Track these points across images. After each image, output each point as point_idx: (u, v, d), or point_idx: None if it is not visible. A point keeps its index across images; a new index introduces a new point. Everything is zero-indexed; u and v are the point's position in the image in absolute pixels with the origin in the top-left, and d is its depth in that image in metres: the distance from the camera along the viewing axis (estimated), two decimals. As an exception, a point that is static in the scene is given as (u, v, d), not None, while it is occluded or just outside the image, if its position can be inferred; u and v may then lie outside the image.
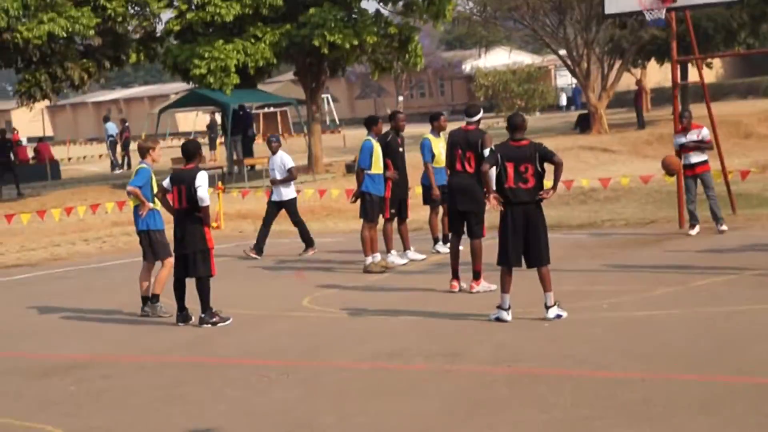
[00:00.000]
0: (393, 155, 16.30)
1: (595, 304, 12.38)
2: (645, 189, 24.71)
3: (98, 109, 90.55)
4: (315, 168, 32.63)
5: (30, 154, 41.67)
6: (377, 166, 15.88)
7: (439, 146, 16.85)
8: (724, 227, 17.55)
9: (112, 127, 43.51)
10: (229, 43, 30.11)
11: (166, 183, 12.74)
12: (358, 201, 16.15)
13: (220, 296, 13.73)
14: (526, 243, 11.68)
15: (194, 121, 61.95)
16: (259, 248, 18.23)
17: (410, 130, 57.05)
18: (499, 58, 59.03)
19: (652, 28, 34.43)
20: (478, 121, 14.03)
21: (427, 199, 17.17)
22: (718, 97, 50.32)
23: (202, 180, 12.32)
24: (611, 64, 44.14)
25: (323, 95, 72.07)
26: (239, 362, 10.60)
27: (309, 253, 18.09)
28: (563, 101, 69.21)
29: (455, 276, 13.87)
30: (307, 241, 18.29)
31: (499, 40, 57.65)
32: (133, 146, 45.23)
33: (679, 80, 19.60)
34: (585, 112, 44.33)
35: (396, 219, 16.58)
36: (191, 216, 12.42)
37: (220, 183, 25.53)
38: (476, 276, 13.69)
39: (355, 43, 29.79)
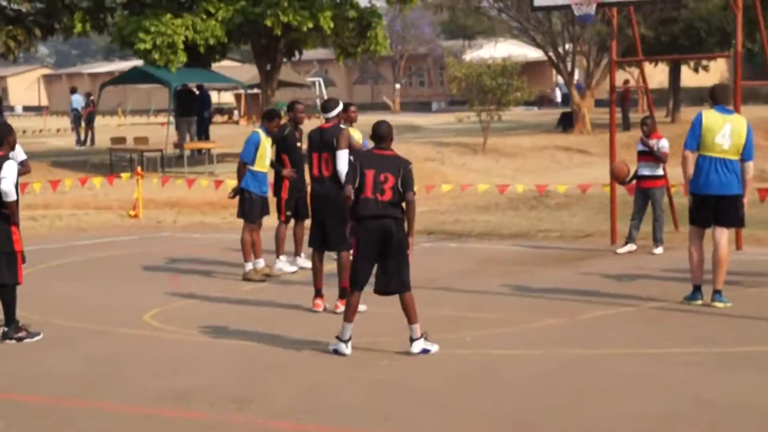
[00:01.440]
0: (290, 151, 14.52)
1: (460, 337, 10.66)
2: (601, 196, 23.02)
3: (94, 80, 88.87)
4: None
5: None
6: (262, 164, 14.21)
7: (354, 137, 15.34)
8: (659, 250, 15.90)
9: (78, 100, 41.77)
10: (178, 18, 28.37)
11: None
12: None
13: (60, 301, 12.64)
14: (381, 264, 9.96)
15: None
16: None
17: (404, 119, 56.38)
18: (508, 49, 57.18)
19: (642, 27, 32.56)
20: (337, 117, 12.37)
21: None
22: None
23: (7, 171, 10.63)
24: (597, 62, 42.25)
25: (314, 78, 70.79)
26: (-9, 395, 8.86)
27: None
28: (558, 97, 67.46)
29: (318, 294, 12.22)
30: None
31: (503, 33, 56.03)
32: (98, 121, 44.06)
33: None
34: (569, 110, 42.51)
35: (293, 221, 14.89)
36: (-5, 212, 10.72)
37: (139, 168, 23.88)
38: (342, 294, 11.98)
39: (310, 25, 28.00)
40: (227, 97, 65.28)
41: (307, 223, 15.04)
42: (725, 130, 11.77)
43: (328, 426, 7.73)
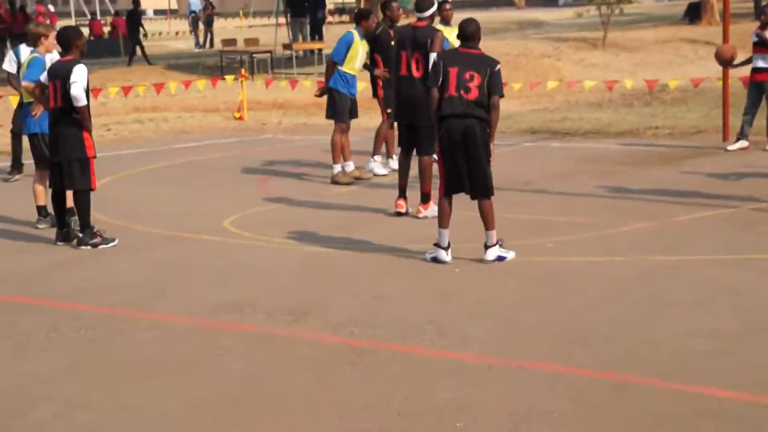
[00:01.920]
0: (384, 50, 13.94)
1: (541, 243, 10.16)
2: (720, 90, 22.03)
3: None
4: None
5: (107, 28, 40.35)
6: (351, 66, 13.74)
7: (452, 36, 14.79)
8: None
9: (195, 3, 41.69)
10: None
11: (43, 77, 10.82)
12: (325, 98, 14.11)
13: (145, 205, 12.60)
14: (463, 166, 9.48)
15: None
16: None
17: (528, 14, 54.99)
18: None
19: None
20: (431, 17, 11.75)
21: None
22: None
23: (78, 75, 10.40)
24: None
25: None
26: (46, 304, 8.69)
27: None
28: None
29: (402, 194, 11.79)
30: None
31: None
32: (219, 24, 44.00)
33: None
34: (696, 0, 40.72)
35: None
36: (67, 117, 10.51)
37: (243, 70, 23.61)
38: (424, 199, 11.59)
39: None
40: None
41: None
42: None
43: (381, 341, 7.34)
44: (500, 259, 9.46)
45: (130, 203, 12.96)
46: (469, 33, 9.64)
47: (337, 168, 13.92)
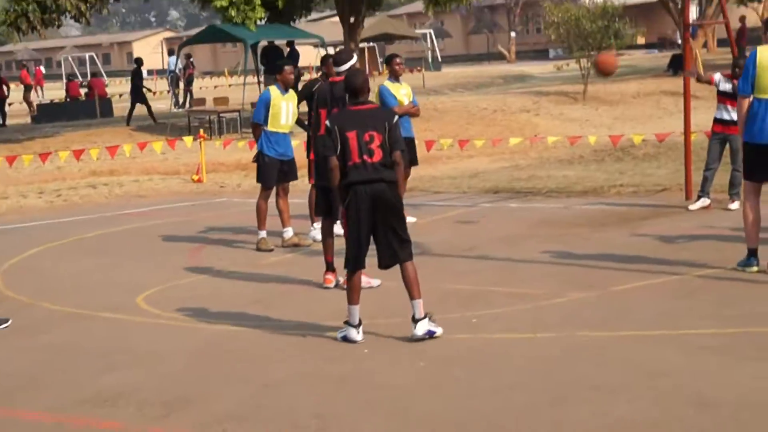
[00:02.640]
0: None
1: (466, 317, 9.38)
2: (694, 145, 21.32)
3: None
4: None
5: (83, 90, 39.85)
6: (277, 124, 13.01)
7: (400, 92, 14.43)
8: (734, 206, 14.26)
9: (174, 62, 41.13)
10: (255, -29, 27.26)
11: None
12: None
13: (62, 280, 11.99)
14: (377, 235, 8.72)
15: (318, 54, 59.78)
16: None
17: (518, 68, 54.60)
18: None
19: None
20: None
21: None
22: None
23: None
24: (709, -1, 39.85)
25: (425, 30, 69.22)
26: None
27: None
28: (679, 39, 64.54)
29: (329, 268, 11.02)
30: None
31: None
32: (203, 83, 43.41)
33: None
34: (680, 52, 40.17)
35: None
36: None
37: (201, 131, 22.94)
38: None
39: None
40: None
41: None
42: (781, 68, 10.18)
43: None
44: (430, 334, 8.67)
45: (47, 277, 12.23)
46: (357, 86, 8.96)
47: (262, 233, 13.27)
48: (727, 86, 14.36)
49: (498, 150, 23.52)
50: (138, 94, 33.05)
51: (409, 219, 14.74)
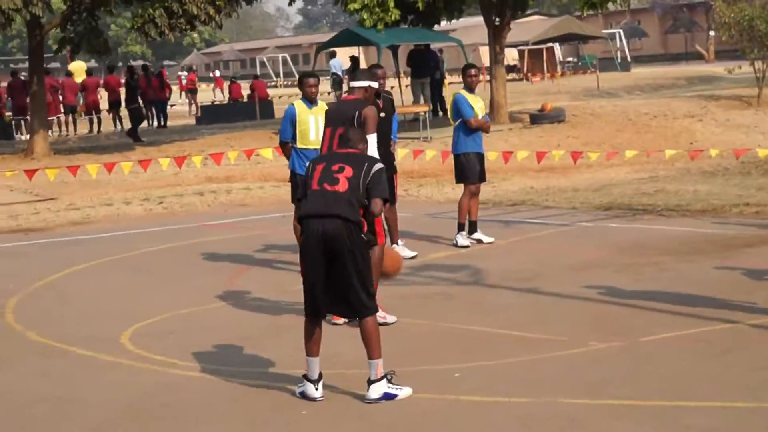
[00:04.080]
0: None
1: (450, 370, 8.07)
2: None
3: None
4: (496, 117, 28.29)
5: (246, 91, 39.64)
6: (307, 140, 11.79)
7: (477, 105, 13.38)
8: None
9: (338, 65, 40.62)
10: (390, -28, 26.16)
11: None
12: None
13: (75, 303, 11.20)
14: (328, 280, 7.50)
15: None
16: None
17: (710, 69, 51.91)
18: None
19: None
20: (365, 90, 9.83)
21: (462, 174, 13.43)
22: None
23: None
24: None
25: (615, 30, 66.83)
26: None
27: None
28: None
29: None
30: None
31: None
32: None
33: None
34: None
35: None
36: None
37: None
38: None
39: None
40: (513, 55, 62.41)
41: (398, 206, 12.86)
42: None
43: None
44: (388, 397, 7.39)
45: (62, 300, 11.54)
46: (348, 137, 8.00)
47: None
48: None
49: (643, 159, 21.80)
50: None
51: (486, 239, 13.59)
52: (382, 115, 12.14)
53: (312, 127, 11.59)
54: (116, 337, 9.57)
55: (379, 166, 7.62)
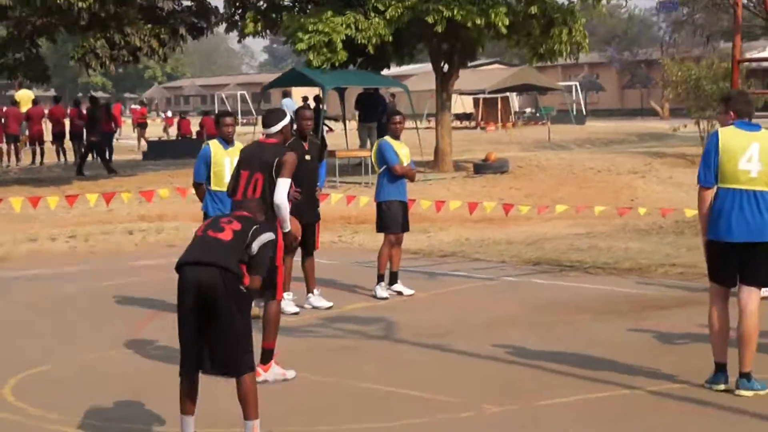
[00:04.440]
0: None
1: None
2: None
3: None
4: (440, 165, 28.23)
5: (196, 128, 39.45)
6: (220, 181, 11.54)
7: (401, 151, 13.24)
8: None
9: (290, 105, 40.44)
10: (339, 16, 26.08)
11: None
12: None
13: None
14: (202, 335, 7.21)
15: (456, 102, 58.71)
16: None
17: (663, 125, 52.23)
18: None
19: None
20: (281, 133, 9.55)
21: (383, 222, 13.23)
22: None
23: None
24: None
25: (572, 82, 67.22)
26: None
27: None
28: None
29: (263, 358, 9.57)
30: None
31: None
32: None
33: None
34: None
35: (301, 251, 12.37)
36: None
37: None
38: (265, 357, 9.34)
39: (478, 22, 25.11)
40: (469, 102, 62.58)
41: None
42: (751, 152, 8.42)
43: None
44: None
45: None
46: (247, 205, 8.06)
47: None
48: None
49: (583, 214, 21.71)
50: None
51: (407, 291, 13.39)
52: (308, 158, 12.02)
53: (227, 169, 11.35)
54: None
55: (268, 237, 7.31)
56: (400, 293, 13.38)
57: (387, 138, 13.38)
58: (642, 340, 10.74)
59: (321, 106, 31.40)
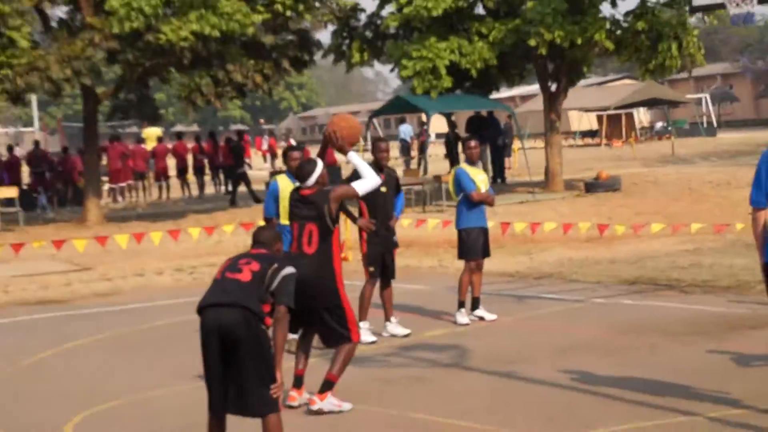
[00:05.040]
0: (371, 196, 11.71)
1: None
2: None
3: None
4: (550, 185, 27.80)
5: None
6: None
7: (478, 177, 13.04)
8: None
9: (407, 130, 40.46)
10: (443, 41, 25.92)
11: None
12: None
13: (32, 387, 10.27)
14: (225, 376, 7.14)
15: (582, 119, 58.23)
16: None
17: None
18: None
19: None
20: (317, 183, 9.35)
21: (462, 249, 13.03)
22: None
23: None
24: None
25: (701, 95, 65.70)
26: None
27: None
28: None
29: (297, 384, 9.47)
30: None
31: None
32: (433, 150, 42.32)
33: None
34: None
35: (379, 280, 12.29)
36: None
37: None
38: (325, 387, 9.23)
39: (579, 42, 24.68)
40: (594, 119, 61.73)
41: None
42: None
43: None
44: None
45: (36, 380, 11.29)
46: (262, 239, 7.68)
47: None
48: None
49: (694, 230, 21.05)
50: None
51: (489, 316, 13.12)
52: (383, 189, 11.85)
53: None
54: (60, 425, 9.29)
55: (288, 271, 7.24)
56: (482, 318, 13.13)
57: (463, 165, 13.18)
58: (720, 362, 10.31)
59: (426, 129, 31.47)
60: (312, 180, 9.19)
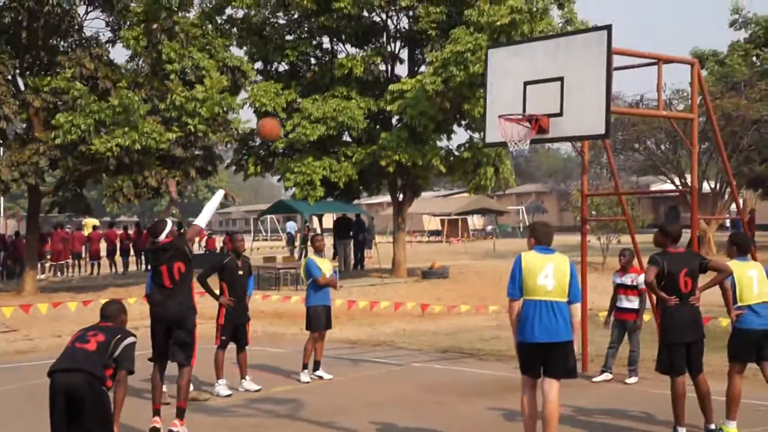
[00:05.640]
0: (230, 278, 11.59)
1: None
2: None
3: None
4: (397, 272, 27.69)
5: (220, 244, 38.97)
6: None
7: (324, 266, 12.64)
8: (633, 379, 11.96)
9: (292, 226, 40.11)
10: (318, 160, 25.89)
11: None
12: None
13: None
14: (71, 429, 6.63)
15: (430, 222, 58.52)
16: None
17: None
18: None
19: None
20: (170, 234, 9.23)
21: (309, 323, 12.66)
22: None
23: None
24: (722, 192, 36.63)
25: (519, 207, 66.86)
26: None
27: None
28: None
29: (156, 414, 9.00)
30: None
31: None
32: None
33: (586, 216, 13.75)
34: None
35: (235, 346, 11.93)
36: None
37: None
38: (180, 413, 8.83)
39: (420, 163, 24.82)
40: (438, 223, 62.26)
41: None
42: (547, 271, 7.91)
43: None
44: None
45: None
46: (108, 313, 7.29)
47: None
48: (617, 280, 12.39)
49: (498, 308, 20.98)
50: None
51: (327, 376, 12.73)
52: (241, 273, 11.74)
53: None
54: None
55: (130, 341, 6.86)
56: (321, 377, 12.75)
57: (312, 255, 12.93)
58: (493, 417, 10.09)
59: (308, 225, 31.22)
60: (164, 234, 9.05)
